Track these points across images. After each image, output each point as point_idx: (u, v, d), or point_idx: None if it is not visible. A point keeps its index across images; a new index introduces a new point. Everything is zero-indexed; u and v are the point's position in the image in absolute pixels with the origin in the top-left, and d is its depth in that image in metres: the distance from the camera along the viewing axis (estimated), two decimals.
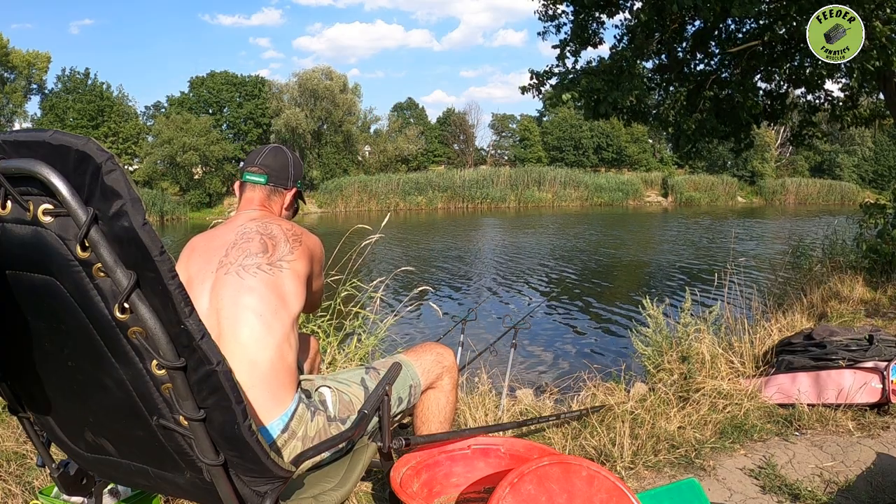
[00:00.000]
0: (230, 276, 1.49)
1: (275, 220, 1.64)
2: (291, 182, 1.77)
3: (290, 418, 1.43)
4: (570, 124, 45.94)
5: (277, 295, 1.49)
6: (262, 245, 1.55)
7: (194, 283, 1.53)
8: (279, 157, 1.78)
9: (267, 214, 1.69)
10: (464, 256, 16.30)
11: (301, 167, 1.84)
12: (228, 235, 1.59)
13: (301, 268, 1.57)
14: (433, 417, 1.79)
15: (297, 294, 1.54)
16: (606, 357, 6.31)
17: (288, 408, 1.44)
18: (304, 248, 1.60)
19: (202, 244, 1.63)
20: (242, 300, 1.46)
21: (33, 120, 38.15)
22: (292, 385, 1.47)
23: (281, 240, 1.58)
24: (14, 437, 2.47)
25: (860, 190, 40.39)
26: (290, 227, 1.63)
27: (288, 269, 1.54)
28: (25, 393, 1.19)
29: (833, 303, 5.13)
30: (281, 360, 1.44)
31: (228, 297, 1.47)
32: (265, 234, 1.57)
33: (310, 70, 39.02)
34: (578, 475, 1.29)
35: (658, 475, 2.46)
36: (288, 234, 1.60)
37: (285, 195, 1.77)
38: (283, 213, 1.78)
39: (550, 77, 7.85)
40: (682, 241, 19.32)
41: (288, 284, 1.53)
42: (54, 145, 0.83)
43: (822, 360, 3.06)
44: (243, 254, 1.53)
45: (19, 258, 0.92)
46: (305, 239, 1.63)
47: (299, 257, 1.58)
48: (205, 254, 1.58)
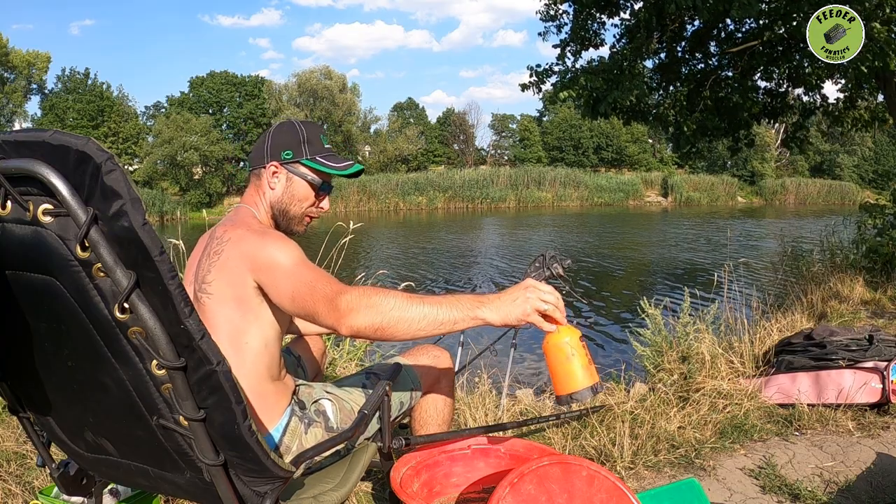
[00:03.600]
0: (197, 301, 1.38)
1: (231, 220, 1.45)
2: (269, 157, 1.52)
3: (282, 433, 1.42)
4: (570, 124, 45.94)
5: (218, 327, 1.32)
6: (202, 261, 1.40)
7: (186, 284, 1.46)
8: (260, 137, 1.59)
9: (239, 212, 1.52)
10: (464, 256, 16.29)
11: (289, 135, 1.53)
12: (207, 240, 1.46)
13: (224, 287, 1.32)
14: (432, 419, 1.78)
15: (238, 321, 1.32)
16: (606, 357, 6.30)
17: (277, 424, 1.42)
18: (223, 259, 1.34)
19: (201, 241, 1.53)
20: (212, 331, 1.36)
21: (33, 120, 38.16)
22: (278, 405, 1.43)
23: (208, 252, 1.38)
24: (14, 437, 2.47)
25: (860, 190, 40.39)
26: (223, 231, 1.39)
27: (210, 294, 1.34)
28: (25, 393, 1.19)
29: (833, 303, 5.13)
30: (256, 391, 1.37)
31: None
32: (209, 245, 1.40)
33: (309, 70, 39.08)
34: (578, 475, 1.29)
35: (658, 475, 2.46)
36: (214, 243, 1.38)
37: (263, 174, 1.53)
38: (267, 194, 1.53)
39: (550, 75, 7.84)
40: (681, 241, 19.32)
41: (220, 312, 1.33)
42: (54, 145, 0.83)
43: (822, 360, 3.06)
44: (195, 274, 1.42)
45: (19, 258, 0.92)
46: (229, 247, 1.34)
47: (218, 275, 1.33)
48: (194, 257, 1.49)
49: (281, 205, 1.54)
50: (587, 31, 7.90)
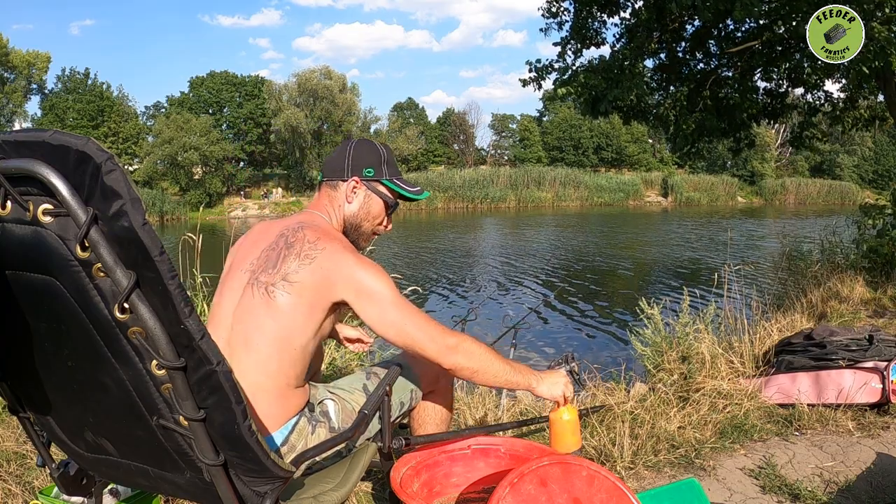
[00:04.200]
0: (249, 288, 1.43)
1: (310, 225, 1.49)
2: (350, 171, 1.58)
3: (290, 432, 1.44)
4: (569, 124, 45.98)
5: (277, 324, 1.38)
6: (277, 257, 1.43)
7: (231, 272, 1.51)
8: (337, 150, 1.63)
9: (313, 216, 1.57)
10: (464, 256, 16.30)
11: (370, 153, 1.60)
12: (273, 233, 1.49)
13: (306, 292, 1.38)
14: (432, 419, 1.78)
15: (298, 325, 1.39)
16: (606, 357, 6.31)
17: (288, 422, 1.44)
18: (314, 266, 1.38)
19: (258, 232, 1.57)
20: (253, 320, 1.40)
21: (33, 120, 38.20)
22: (296, 403, 1.46)
23: (294, 252, 1.41)
24: (14, 437, 2.47)
25: (860, 190, 40.44)
26: (315, 238, 1.42)
27: (287, 293, 1.38)
28: (25, 393, 1.19)
29: (833, 303, 5.13)
30: (280, 389, 1.40)
31: (244, 310, 1.42)
32: (287, 244, 1.44)
33: (309, 70, 39.13)
34: (578, 475, 1.29)
35: (658, 475, 2.46)
36: (306, 246, 1.41)
37: (341, 186, 1.59)
38: (344, 207, 1.59)
39: (550, 72, 7.84)
40: (681, 240, 19.32)
41: (287, 313, 1.38)
42: (54, 145, 0.82)
43: (822, 360, 3.06)
44: (264, 265, 1.44)
45: (19, 258, 0.92)
46: (324, 257, 1.39)
47: (305, 278, 1.38)
48: (251, 246, 1.52)
49: (355, 219, 1.62)
50: (588, 30, 7.90)
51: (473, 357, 1.45)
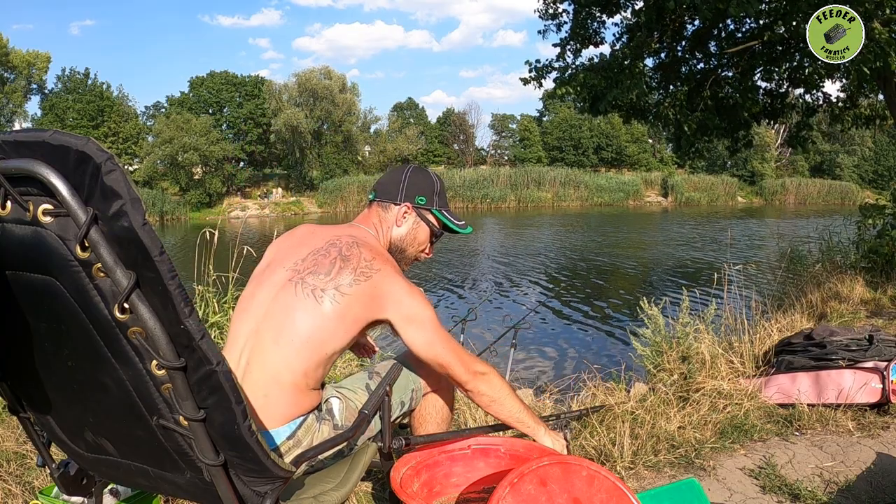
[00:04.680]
0: (291, 285, 1.47)
1: (364, 243, 1.54)
2: (403, 196, 1.67)
3: (298, 427, 1.45)
4: (569, 124, 45.96)
5: (316, 326, 1.43)
6: (331, 265, 1.48)
7: (271, 267, 1.55)
8: (393, 173, 1.73)
9: (363, 232, 1.63)
10: (464, 256, 16.30)
11: (424, 182, 1.70)
12: (321, 239, 1.56)
13: (354, 306, 1.45)
14: (432, 419, 1.78)
15: (336, 334, 1.45)
16: (606, 357, 6.31)
17: (298, 419, 1.45)
18: (368, 285, 1.46)
19: (304, 233, 1.63)
20: (289, 315, 1.44)
21: (33, 120, 38.18)
22: (308, 404, 1.48)
23: (351, 266, 1.47)
24: (14, 437, 2.47)
25: (860, 190, 40.43)
26: (371, 257, 1.49)
27: (335, 302, 1.44)
28: (25, 393, 1.19)
29: (833, 303, 5.13)
30: (298, 386, 1.44)
31: (280, 304, 1.46)
32: (343, 254, 1.49)
33: (309, 70, 39.07)
34: (578, 475, 1.29)
35: (658, 475, 2.46)
36: (362, 263, 1.48)
37: (392, 210, 1.68)
38: (392, 229, 1.68)
39: (550, 71, 7.84)
40: (681, 241, 19.32)
41: (329, 320, 1.44)
42: (54, 145, 0.82)
43: (822, 360, 3.06)
44: (313, 268, 1.48)
45: (19, 258, 0.92)
46: (379, 277, 1.47)
47: (356, 293, 1.45)
48: (297, 246, 1.57)
49: (402, 243, 1.70)
50: (587, 30, 7.90)
51: (495, 388, 1.58)
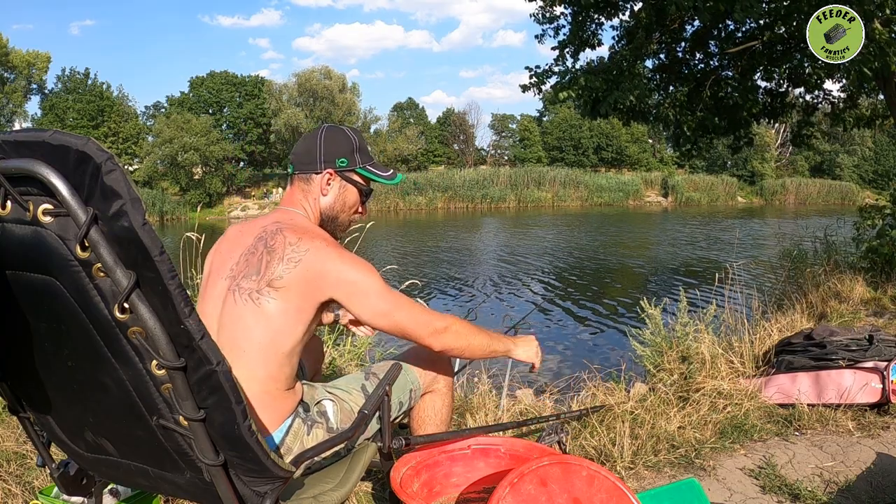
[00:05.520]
0: (231, 295, 1.40)
1: (289, 225, 1.45)
2: (322, 163, 1.54)
3: (284, 434, 1.43)
4: (569, 124, 45.95)
5: (264, 330, 1.36)
6: (259, 262, 1.39)
7: (212, 278, 1.49)
8: (306, 141, 1.58)
9: (289, 214, 1.53)
10: (464, 256, 16.30)
11: (342, 142, 1.56)
12: (249, 236, 1.47)
13: (293, 296, 1.36)
14: (431, 419, 1.78)
15: (286, 330, 1.37)
16: (606, 357, 6.31)
17: (282, 426, 1.43)
18: (300, 269, 1.36)
19: (234, 235, 1.53)
20: (238, 327, 1.37)
21: (33, 120, 38.18)
22: (286, 408, 1.44)
23: (277, 256, 1.38)
24: (14, 437, 2.47)
25: (860, 190, 40.44)
26: (297, 239, 1.39)
27: (273, 299, 1.36)
28: (25, 393, 1.19)
29: (833, 303, 5.13)
30: (269, 393, 1.39)
31: (229, 317, 1.40)
32: (269, 246, 1.40)
33: (309, 70, 39.10)
34: (578, 475, 1.29)
35: (658, 475, 2.46)
36: (288, 249, 1.38)
37: (314, 180, 1.55)
38: (319, 200, 1.56)
39: (550, 76, 7.83)
40: (681, 241, 19.32)
41: (274, 319, 1.36)
42: (54, 145, 0.82)
43: (822, 360, 3.06)
44: (244, 270, 1.41)
45: (19, 258, 0.92)
46: (309, 258, 1.37)
47: (291, 282, 1.36)
48: (230, 251, 1.48)
49: (332, 211, 1.58)
50: (585, 33, 7.89)
51: (461, 336, 1.54)
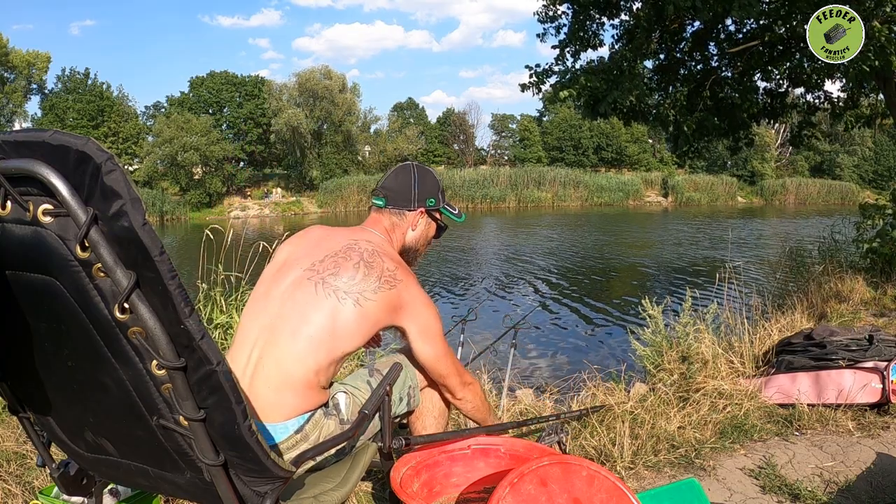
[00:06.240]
0: (311, 284, 1.50)
1: (383, 251, 1.60)
2: (416, 202, 1.74)
3: (306, 421, 1.46)
4: (569, 124, 45.94)
5: (335, 326, 1.47)
6: (355, 270, 1.52)
7: (288, 263, 1.58)
8: (401, 178, 1.75)
9: (376, 238, 1.67)
10: (464, 256, 16.30)
11: (432, 184, 1.76)
12: (338, 242, 1.59)
13: (376, 312, 1.50)
14: (432, 419, 1.79)
15: (353, 335, 1.49)
16: (606, 357, 6.31)
17: (306, 413, 1.47)
18: (393, 294, 1.52)
19: (319, 235, 1.66)
20: (307, 313, 1.47)
21: (33, 120, 38.17)
22: (317, 401, 1.49)
23: (375, 274, 1.52)
24: (14, 437, 2.47)
25: (860, 190, 40.42)
26: (395, 267, 1.56)
27: (359, 305, 1.49)
28: (25, 393, 1.19)
29: (833, 303, 5.13)
30: (310, 383, 1.46)
31: (298, 301, 1.48)
32: (366, 261, 1.53)
33: (309, 70, 39.05)
34: (578, 475, 1.29)
35: (658, 475, 2.46)
36: (387, 272, 1.54)
37: (407, 217, 1.74)
38: (407, 234, 1.75)
39: (550, 75, 7.84)
40: (681, 241, 19.32)
41: (350, 321, 1.48)
42: (54, 145, 0.82)
43: (822, 360, 3.06)
44: (333, 269, 1.51)
45: (19, 258, 0.92)
46: (402, 288, 1.54)
47: (380, 300, 1.51)
48: (313, 247, 1.60)
49: (415, 244, 1.78)
50: (585, 32, 7.89)
51: (478, 396, 1.76)
